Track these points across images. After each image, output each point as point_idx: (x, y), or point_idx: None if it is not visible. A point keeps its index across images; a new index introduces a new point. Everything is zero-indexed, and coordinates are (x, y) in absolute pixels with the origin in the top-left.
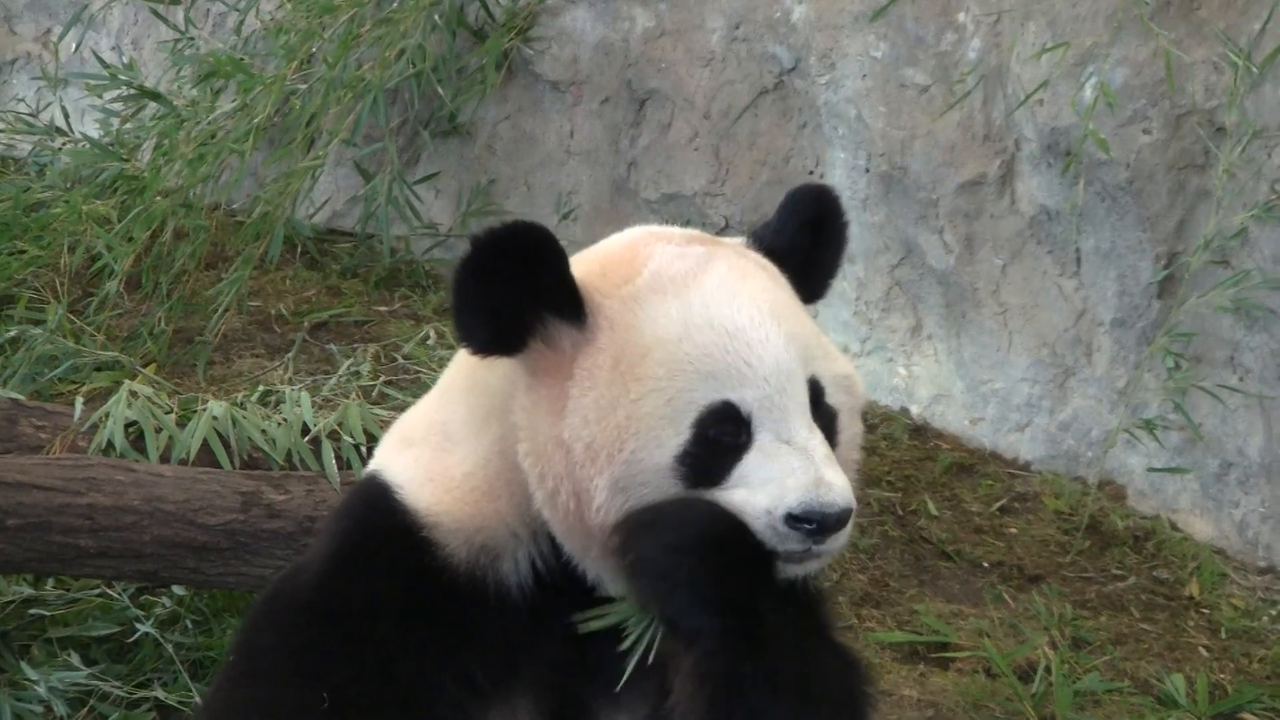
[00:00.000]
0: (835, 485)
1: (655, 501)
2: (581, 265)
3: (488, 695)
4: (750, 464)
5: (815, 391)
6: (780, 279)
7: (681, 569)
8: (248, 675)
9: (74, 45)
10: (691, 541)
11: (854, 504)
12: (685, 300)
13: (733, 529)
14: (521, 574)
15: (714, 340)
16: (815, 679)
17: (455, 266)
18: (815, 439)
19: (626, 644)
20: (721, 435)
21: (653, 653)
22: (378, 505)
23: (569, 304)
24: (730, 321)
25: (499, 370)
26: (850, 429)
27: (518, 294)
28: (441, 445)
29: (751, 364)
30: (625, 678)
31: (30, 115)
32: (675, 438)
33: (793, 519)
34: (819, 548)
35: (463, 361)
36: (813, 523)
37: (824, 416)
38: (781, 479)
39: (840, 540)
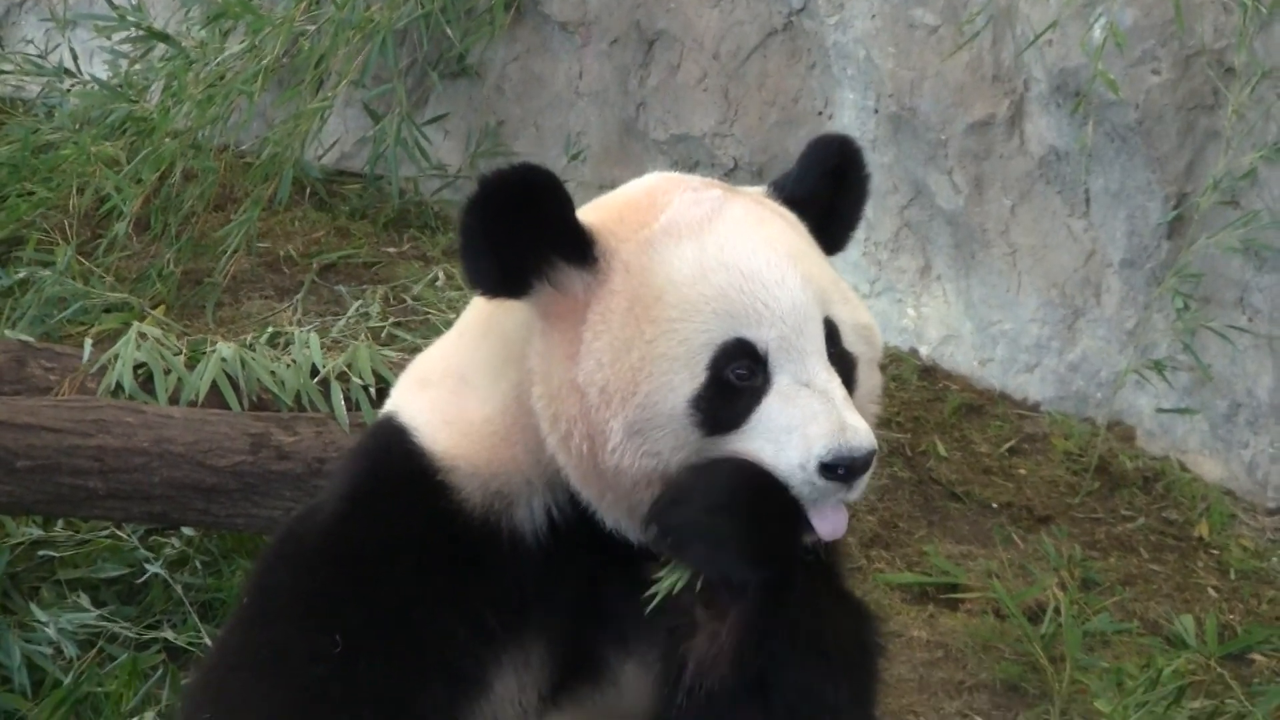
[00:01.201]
0: (859, 428)
1: (677, 476)
2: (600, 211)
3: (500, 640)
4: (770, 408)
5: (832, 333)
6: (799, 226)
7: (722, 526)
8: (261, 616)
9: None
10: (726, 498)
11: (876, 446)
12: (700, 243)
13: (763, 480)
14: (537, 522)
15: (729, 280)
16: (833, 632)
17: (461, 208)
18: (834, 382)
19: (660, 584)
20: (738, 376)
21: (698, 584)
22: (394, 447)
23: (576, 247)
24: (746, 263)
25: (516, 317)
26: (870, 379)
27: (523, 236)
28: (458, 389)
29: (768, 304)
30: (655, 603)
31: (39, 57)
32: (690, 381)
33: (825, 467)
34: (846, 495)
35: (480, 306)
36: (842, 468)
37: (842, 361)
38: (804, 427)
39: (863, 486)
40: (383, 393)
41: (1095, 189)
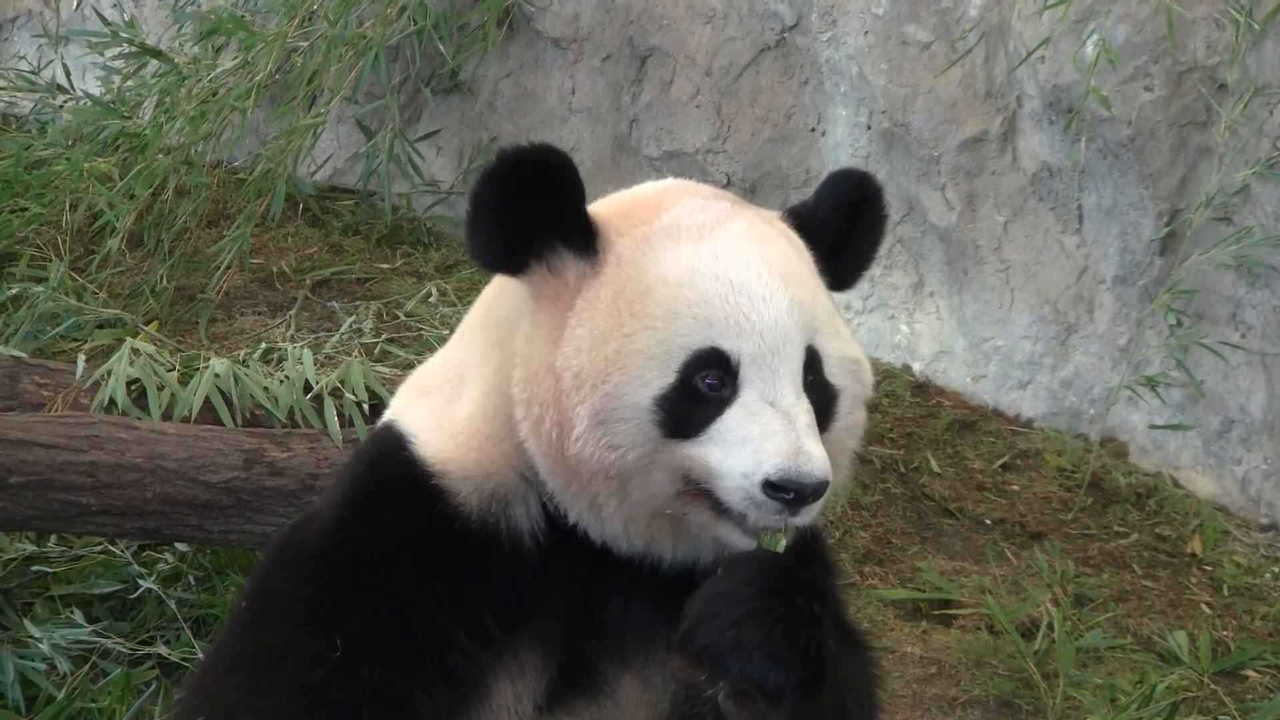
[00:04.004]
0: (815, 456)
1: (699, 588)
2: (608, 206)
3: (498, 645)
4: (730, 420)
5: (812, 361)
6: (804, 253)
7: (751, 637)
8: (260, 621)
9: (75, 2)
10: (750, 608)
11: (830, 478)
12: (696, 248)
13: (782, 583)
14: (533, 518)
15: (716, 290)
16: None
17: (476, 178)
18: (801, 406)
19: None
20: (707, 385)
21: (723, 689)
22: (390, 454)
23: (579, 235)
24: (736, 275)
25: (511, 302)
26: (851, 416)
27: (531, 215)
28: (455, 391)
29: (750, 317)
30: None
31: (32, 73)
32: (660, 379)
33: (770, 486)
34: (790, 520)
35: (479, 302)
36: (789, 492)
37: (822, 392)
38: (760, 442)
39: (811, 514)
40: (375, 408)
41: (1088, 205)
